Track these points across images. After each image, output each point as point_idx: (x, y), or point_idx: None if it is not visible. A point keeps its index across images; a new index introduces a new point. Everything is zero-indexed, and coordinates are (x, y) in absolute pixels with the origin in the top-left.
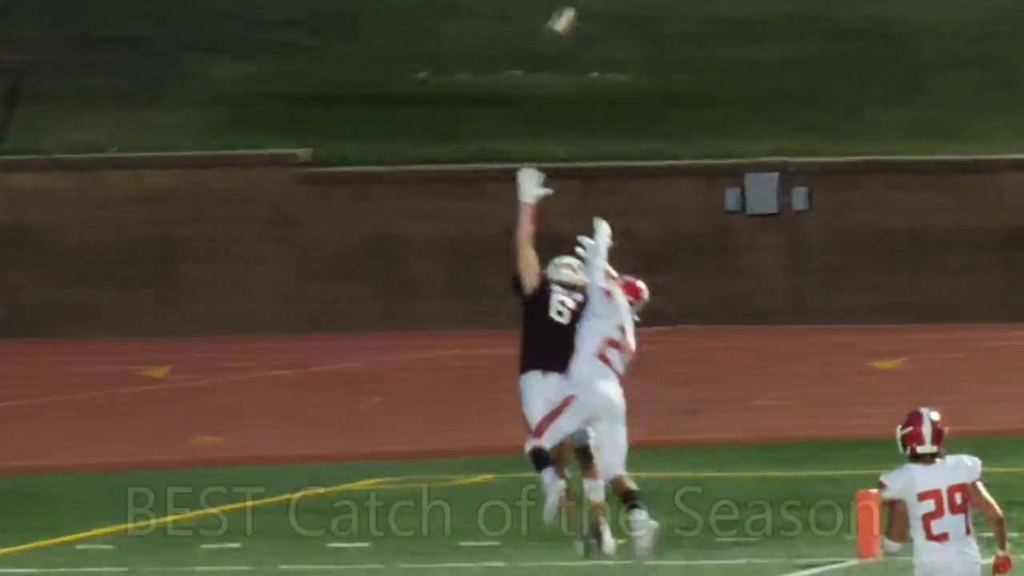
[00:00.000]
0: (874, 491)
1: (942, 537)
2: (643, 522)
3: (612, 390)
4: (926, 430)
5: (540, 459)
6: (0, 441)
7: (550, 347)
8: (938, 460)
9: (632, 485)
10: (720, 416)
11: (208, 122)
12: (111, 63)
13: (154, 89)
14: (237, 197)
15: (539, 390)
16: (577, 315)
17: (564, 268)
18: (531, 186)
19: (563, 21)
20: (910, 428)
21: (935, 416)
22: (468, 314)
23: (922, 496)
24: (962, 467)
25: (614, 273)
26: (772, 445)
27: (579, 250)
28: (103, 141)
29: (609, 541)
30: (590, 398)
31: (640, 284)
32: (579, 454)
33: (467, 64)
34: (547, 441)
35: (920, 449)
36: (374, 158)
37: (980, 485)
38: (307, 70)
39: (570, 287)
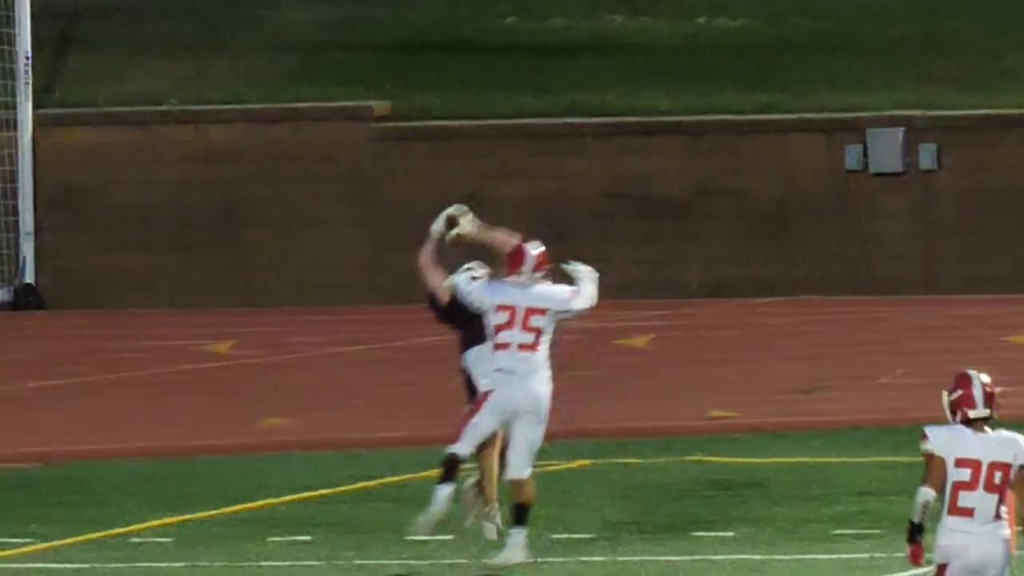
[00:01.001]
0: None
1: (966, 512)
2: (519, 545)
3: (537, 384)
4: (977, 393)
5: (450, 469)
6: (49, 423)
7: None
8: (987, 429)
9: (529, 498)
10: (841, 395)
11: (277, 72)
12: (171, 7)
13: (218, 35)
14: (309, 155)
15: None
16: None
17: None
18: (440, 223)
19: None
20: (960, 392)
21: (985, 378)
22: (564, 283)
23: (960, 462)
24: (1012, 445)
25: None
26: (899, 428)
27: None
28: (161, 93)
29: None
30: (509, 394)
31: (532, 252)
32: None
33: (561, 7)
34: (466, 445)
35: (972, 413)
36: (460, 111)
37: None
38: (386, 14)
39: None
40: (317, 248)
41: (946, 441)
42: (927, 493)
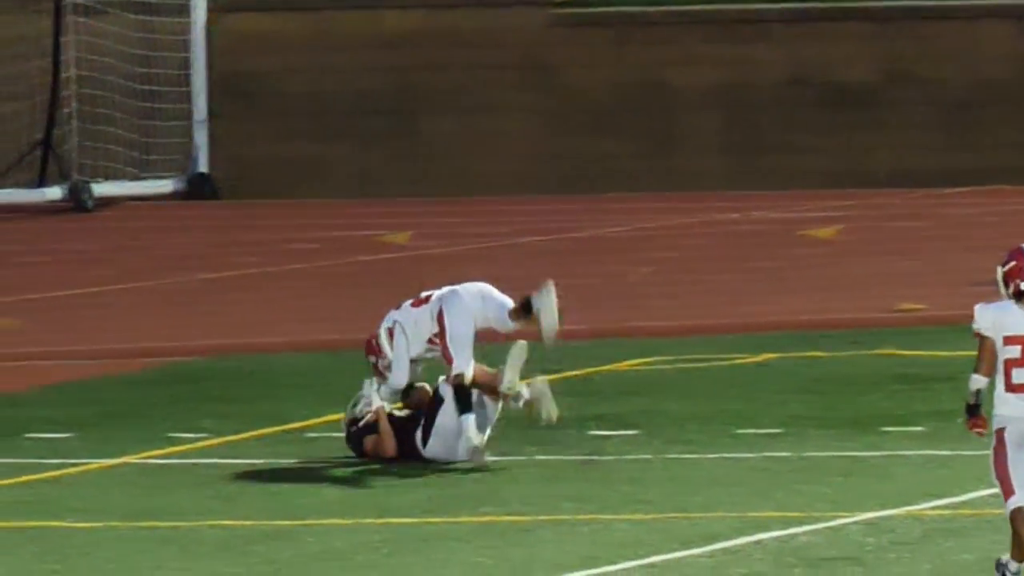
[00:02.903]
0: None
1: (1021, 388)
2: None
3: (480, 285)
4: None
5: (464, 396)
6: (222, 315)
7: None
8: None
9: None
10: None
11: None
12: None
13: None
14: (485, 41)
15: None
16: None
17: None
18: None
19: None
20: (1013, 263)
21: None
22: (745, 172)
23: (1008, 340)
24: None
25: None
26: None
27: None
28: None
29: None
30: (458, 294)
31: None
32: None
33: None
34: (461, 363)
35: None
36: None
37: None
38: None
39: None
40: (493, 136)
41: (992, 321)
42: (979, 381)
